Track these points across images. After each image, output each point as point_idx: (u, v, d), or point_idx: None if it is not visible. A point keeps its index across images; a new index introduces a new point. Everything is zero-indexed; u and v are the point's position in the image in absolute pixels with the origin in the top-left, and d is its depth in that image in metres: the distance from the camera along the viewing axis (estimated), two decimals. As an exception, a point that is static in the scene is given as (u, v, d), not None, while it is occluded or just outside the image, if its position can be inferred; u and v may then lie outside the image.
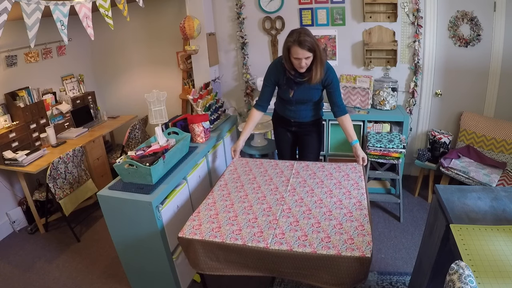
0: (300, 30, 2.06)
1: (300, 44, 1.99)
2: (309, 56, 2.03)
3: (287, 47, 2.06)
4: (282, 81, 2.25)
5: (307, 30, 2.05)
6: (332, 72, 2.21)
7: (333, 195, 1.83)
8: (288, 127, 2.49)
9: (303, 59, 2.03)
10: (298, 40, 1.99)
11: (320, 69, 2.11)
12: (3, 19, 1.57)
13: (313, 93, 2.26)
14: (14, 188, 3.18)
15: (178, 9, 3.62)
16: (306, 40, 1.98)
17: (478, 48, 2.94)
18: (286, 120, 2.46)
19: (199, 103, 2.69)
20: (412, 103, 3.24)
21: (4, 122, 3.00)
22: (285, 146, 2.60)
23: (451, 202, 1.38)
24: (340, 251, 1.39)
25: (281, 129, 2.55)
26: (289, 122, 2.45)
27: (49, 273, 2.57)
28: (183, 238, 1.60)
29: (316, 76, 2.12)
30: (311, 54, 2.03)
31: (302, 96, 2.26)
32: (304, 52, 2.01)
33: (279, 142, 2.62)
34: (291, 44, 2.02)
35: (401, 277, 2.25)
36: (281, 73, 2.23)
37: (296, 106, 2.34)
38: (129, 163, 1.98)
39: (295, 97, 2.26)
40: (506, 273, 1.03)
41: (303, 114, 2.37)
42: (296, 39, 2.00)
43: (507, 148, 2.83)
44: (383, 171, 2.96)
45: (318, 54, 2.06)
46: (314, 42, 2.01)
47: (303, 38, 1.98)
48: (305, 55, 2.02)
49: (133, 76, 4.15)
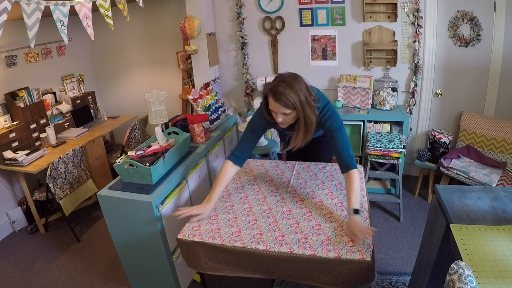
0: (285, 76, 1.60)
1: (275, 95, 1.56)
2: (286, 112, 1.59)
3: (264, 95, 1.65)
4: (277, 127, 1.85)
5: (294, 80, 1.58)
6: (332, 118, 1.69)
7: (333, 197, 1.83)
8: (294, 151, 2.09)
9: (279, 114, 1.61)
10: (275, 90, 1.55)
11: (305, 133, 1.68)
12: (3, 19, 1.57)
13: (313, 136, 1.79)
14: (14, 188, 3.18)
15: (178, 9, 3.62)
16: (284, 94, 1.53)
17: (478, 48, 2.94)
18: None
19: (199, 103, 2.69)
20: (412, 103, 3.24)
21: (4, 122, 3.00)
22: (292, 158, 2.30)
23: (451, 202, 1.38)
24: (340, 254, 1.39)
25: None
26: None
27: (49, 273, 2.57)
28: (182, 240, 1.60)
29: (300, 141, 1.71)
30: (289, 111, 1.59)
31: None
32: (279, 107, 1.57)
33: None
34: (267, 92, 1.61)
35: (401, 277, 2.25)
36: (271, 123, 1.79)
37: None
38: (129, 163, 1.98)
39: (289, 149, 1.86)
40: (506, 273, 1.03)
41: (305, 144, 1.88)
42: (272, 87, 1.57)
43: (507, 148, 2.83)
44: (383, 171, 2.96)
45: (301, 112, 1.59)
46: (296, 96, 1.54)
47: (281, 90, 1.53)
48: (280, 110, 1.59)
49: (133, 76, 4.15)
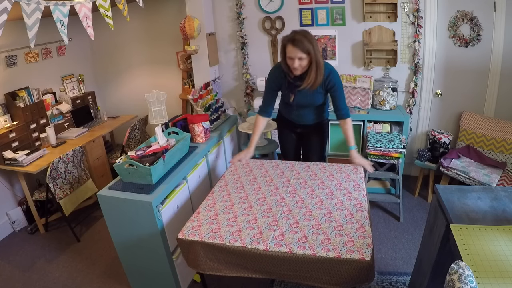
0: (299, 30, 2.02)
1: (293, 42, 1.95)
2: (303, 57, 1.97)
3: (283, 45, 2.04)
4: (284, 85, 2.22)
5: (307, 33, 2.00)
6: (335, 75, 2.14)
7: (333, 197, 1.83)
8: (293, 128, 2.48)
9: (296, 59, 1.98)
10: (293, 38, 1.95)
11: (316, 73, 2.05)
12: (3, 19, 1.57)
13: (315, 97, 2.21)
14: (14, 188, 3.18)
15: (178, 9, 3.62)
16: (301, 40, 1.93)
17: (478, 48, 2.94)
18: (290, 122, 2.45)
19: (199, 103, 2.69)
20: (412, 103, 3.24)
21: (4, 122, 3.00)
22: (290, 147, 2.59)
23: (451, 202, 1.38)
24: (340, 254, 1.39)
25: (286, 130, 2.54)
26: (293, 124, 2.44)
27: (49, 273, 2.57)
28: (182, 239, 1.59)
29: (312, 81, 2.06)
30: (305, 55, 1.97)
31: (304, 101, 2.23)
32: (297, 52, 1.95)
33: (283, 144, 2.60)
34: (286, 42, 1.99)
35: (401, 277, 2.25)
36: (282, 78, 2.20)
37: (298, 111, 2.32)
38: (129, 163, 1.98)
39: (296, 102, 2.23)
40: (506, 273, 1.03)
41: (306, 118, 2.36)
42: (290, 37, 1.97)
43: (507, 148, 2.83)
44: (383, 171, 2.95)
45: (314, 57, 2.00)
46: (310, 44, 1.95)
47: (298, 37, 1.94)
48: (297, 54, 1.96)
49: (133, 76, 4.15)
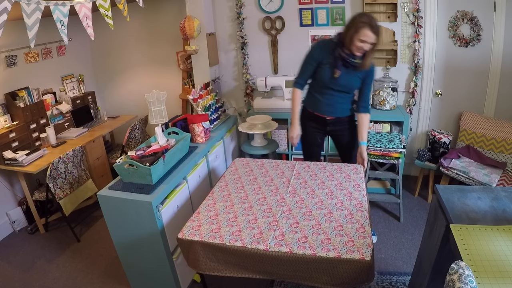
0: (369, 14, 2.06)
1: (372, 27, 1.99)
2: (374, 42, 2.04)
3: (358, 26, 2.01)
4: (327, 60, 2.18)
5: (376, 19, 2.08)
6: (374, 66, 2.26)
7: (334, 197, 1.83)
8: (322, 126, 2.38)
9: (368, 43, 2.03)
10: (371, 23, 1.99)
11: (371, 58, 2.14)
12: (3, 19, 1.57)
13: (355, 81, 2.22)
14: (14, 188, 3.18)
15: (178, 9, 3.62)
16: (378, 28, 2.02)
17: (478, 48, 2.94)
18: (320, 119, 2.35)
19: (199, 103, 2.69)
20: (412, 103, 3.24)
21: (4, 122, 2.99)
22: (315, 149, 2.50)
23: (451, 202, 1.38)
24: (340, 254, 1.39)
25: (312, 129, 2.42)
26: (324, 120, 2.35)
27: (49, 273, 2.57)
28: (182, 239, 1.59)
29: (368, 63, 2.14)
30: (376, 41, 2.04)
31: (345, 81, 2.19)
32: (373, 37, 2.01)
33: (309, 146, 2.50)
34: (363, 25, 1.99)
35: (401, 277, 2.25)
36: (328, 53, 2.17)
37: (332, 97, 2.26)
38: (129, 163, 1.98)
39: (341, 80, 2.19)
40: (506, 273, 1.03)
41: (341, 108, 2.31)
42: (369, 22, 1.99)
43: (507, 148, 2.83)
44: (383, 171, 2.95)
45: (377, 44, 2.08)
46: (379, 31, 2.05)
47: (375, 23, 2.00)
48: (372, 39, 2.02)
49: (133, 76, 4.15)
